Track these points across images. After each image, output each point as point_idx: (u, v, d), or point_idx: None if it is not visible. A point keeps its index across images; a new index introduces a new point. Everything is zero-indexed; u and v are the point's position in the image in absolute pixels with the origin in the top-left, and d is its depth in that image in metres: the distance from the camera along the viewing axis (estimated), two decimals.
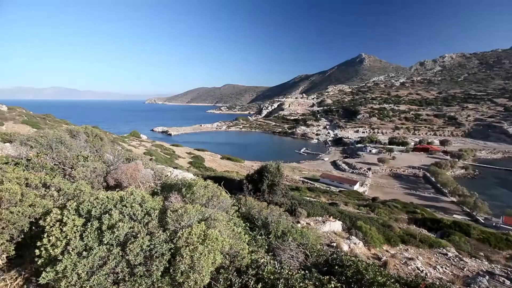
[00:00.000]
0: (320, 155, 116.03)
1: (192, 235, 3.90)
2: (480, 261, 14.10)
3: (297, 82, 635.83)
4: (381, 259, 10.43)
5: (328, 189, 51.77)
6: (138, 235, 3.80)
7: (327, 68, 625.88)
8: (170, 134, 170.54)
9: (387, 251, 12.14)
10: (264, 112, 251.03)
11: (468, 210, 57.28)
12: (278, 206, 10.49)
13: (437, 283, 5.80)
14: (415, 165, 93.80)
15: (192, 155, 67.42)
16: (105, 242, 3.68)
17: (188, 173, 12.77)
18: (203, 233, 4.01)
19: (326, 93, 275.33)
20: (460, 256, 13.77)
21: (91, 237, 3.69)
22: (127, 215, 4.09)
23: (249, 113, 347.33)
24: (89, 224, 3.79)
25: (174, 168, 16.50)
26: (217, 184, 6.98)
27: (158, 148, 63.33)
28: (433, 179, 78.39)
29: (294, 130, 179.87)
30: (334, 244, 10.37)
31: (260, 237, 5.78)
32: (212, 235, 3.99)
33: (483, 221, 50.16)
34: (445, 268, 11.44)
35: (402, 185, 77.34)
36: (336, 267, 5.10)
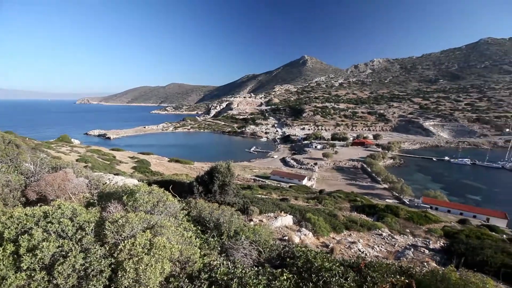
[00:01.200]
0: (270, 153, 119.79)
1: (136, 246, 3.56)
2: (406, 237, 16.38)
3: (245, 81, 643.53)
4: (328, 246, 11.19)
5: (279, 185, 53.77)
6: (69, 254, 3.29)
7: (273, 68, 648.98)
8: (109, 138, 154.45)
9: (333, 238, 13.09)
10: (213, 112, 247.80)
11: (397, 194, 66.13)
12: (230, 206, 10.41)
13: (374, 260, 6.51)
14: (354, 158, 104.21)
15: (136, 160, 62.44)
16: (25, 267, 3.09)
17: (132, 179, 11.75)
18: (148, 242, 3.70)
19: (273, 93, 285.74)
20: (392, 234, 15.76)
21: (3, 264, 3.05)
22: (54, 232, 3.51)
23: (197, 113, 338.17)
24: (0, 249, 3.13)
25: (115, 174, 15.00)
26: (163, 188, 6.56)
27: (94, 154, 56.82)
28: (369, 169, 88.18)
29: (244, 129, 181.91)
30: (286, 238, 10.77)
31: (212, 239, 5.63)
32: (159, 243, 3.71)
33: (408, 203, 58.54)
34: (381, 247, 12.94)
35: (344, 176, 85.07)
36: (288, 259, 5.26)
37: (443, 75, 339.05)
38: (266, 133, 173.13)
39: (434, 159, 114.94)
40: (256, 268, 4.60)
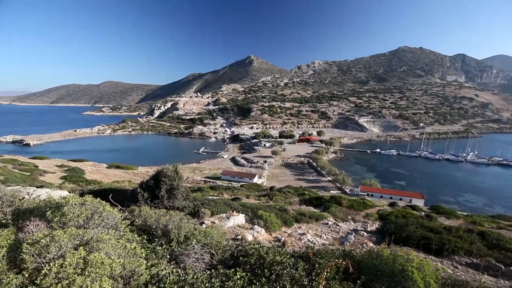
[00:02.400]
0: (219, 153, 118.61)
1: (66, 267, 3.08)
2: (348, 223, 18.03)
3: (190, 80, 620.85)
4: (280, 240, 11.56)
5: (230, 185, 53.63)
6: None
7: (219, 68, 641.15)
8: (27, 145, 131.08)
9: (285, 232, 13.58)
10: (157, 113, 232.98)
11: (339, 185, 72.45)
12: (180, 211, 9.93)
13: (322, 248, 6.99)
14: (301, 154, 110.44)
15: (66, 168, 54.82)
16: None
17: (61, 191, 10.22)
18: (82, 261, 3.24)
19: (221, 92, 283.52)
20: (336, 222, 17.15)
21: None
22: None
23: (138, 114, 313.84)
24: None
25: (38, 187, 12.87)
26: (101, 198, 5.87)
27: (8, 164, 47.85)
28: (314, 164, 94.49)
29: (191, 130, 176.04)
30: (240, 237, 10.77)
31: (160, 248, 5.26)
32: (96, 260, 3.28)
33: (349, 192, 64.79)
34: (327, 235, 13.96)
35: (293, 172, 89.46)
36: (241, 258, 5.26)
37: (372, 77, 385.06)
38: (214, 133, 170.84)
39: (368, 151, 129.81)
40: (209, 272, 4.48)
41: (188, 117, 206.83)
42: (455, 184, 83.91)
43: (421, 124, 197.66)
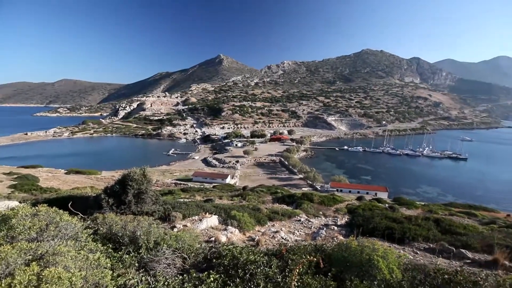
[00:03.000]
0: (190, 154, 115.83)
1: (16, 286, 2.75)
2: (320, 218, 18.62)
3: (157, 79, 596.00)
4: (254, 239, 11.57)
5: (202, 186, 52.64)
6: None
7: (188, 67, 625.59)
8: None
9: (258, 231, 13.61)
10: (122, 113, 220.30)
11: (311, 182, 74.67)
12: (150, 215, 9.48)
13: (294, 244, 7.13)
14: (272, 153, 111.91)
15: (15, 176, 49.59)
16: None
17: (10, 201, 9.19)
18: (35, 278, 2.92)
19: (190, 92, 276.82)
20: (309, 218, 17.61)
21: None
22: None
23: (101, 114, 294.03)
24: None
25: None
26: (59, 207, 5.38)
27: None
28: (286, 162, 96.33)
29: (160, 131, 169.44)
30: (213, 239, 10.58)
31: (128, 256, 4.96)
32: (52, 275, 2.98)
33: (320, 189, 67.02)
34: (300, 231, 14.27)
35: (265, 171, 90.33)
36: (215, 260, 5.17)
37: (339, 78, 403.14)
38: (185, 134, 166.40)
39: (336, 148, 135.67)
40: (181, 277, 4.34)
41: (156, 118, 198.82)
42: (413, 177, 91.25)
43: (384, 122, 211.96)
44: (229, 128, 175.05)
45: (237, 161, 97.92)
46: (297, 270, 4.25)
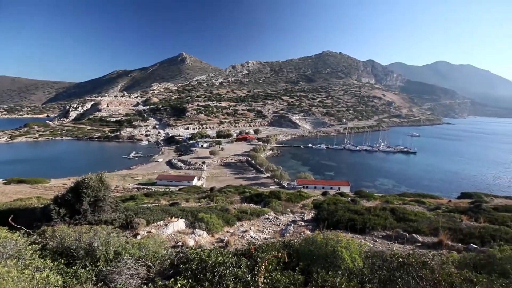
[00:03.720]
0: (153, 157, 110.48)
1: None
2: (288, 215, 19.06)
3: (114, 78, 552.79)
4: (223, 240, 11.44)
5: (167, 190, 50.58)
6: None
7: (148, 65, 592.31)
8: None
9: (227, 231, 13.48)
10: (73, 115, 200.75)
11: (278, 180, 76.11)
12: (109, 224, 8.82)
13: (263, 242, 7.19)
14: (239, 153, 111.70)
15: None
16: None
17: None
18: None
19: (151, 91, 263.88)
20: (277, 216, 17.92)
21: None
22: None
23: (48, 116, 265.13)
24: None
25: None
26: None
27: None
28: (253, 162, 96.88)
29: (118, 133, 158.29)
30: (180, 243, 10.23)
31: (83, 270, 4.54)
32: None
33: (287, 186, 68.65)
34: (269, 229, 14.45)
35: (232, 171, 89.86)
36: (182, 265, 5.00)
37: (302, 78, 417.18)
38: (146, 135, 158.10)
39: (301, 146, 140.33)
40: (145, 286, 4.10)
41: (114, 119, 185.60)
42: (372, 171, 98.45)
43: (344, 120, 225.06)
44: (194, 129, 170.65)
45: (204, 162, 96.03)
46: (263, 268, 4.29)
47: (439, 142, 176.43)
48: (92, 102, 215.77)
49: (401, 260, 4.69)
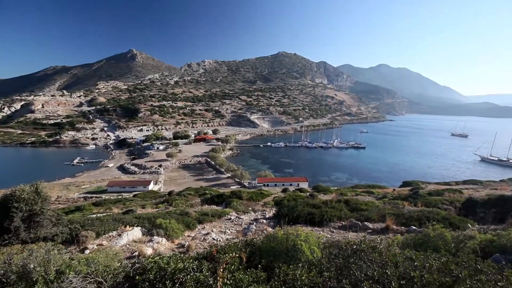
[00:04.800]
0: (103, 162, 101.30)
1: None
2: (250, 214, 19.17)
3: (51, 75, 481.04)
4: (184, 245, 11.05)
5: (120, 197, 46.91)
6: None
7: (93, 61, 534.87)
8: None
9: (188, 236, 13.05)
10: None
11: (238, 180, 76.07)
12: (50, 240, 7.81)
13: (225, 243, 7.10)
14: (198, 154, 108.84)
15: None
16: None
17: None
18: None
19: (97, 90, 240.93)
20: (239, 216, 17.89)
21: None
22: None
23: None
24: None
25: None
26: None
27: None
28: (213, 162, 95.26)
29: (58, 137, 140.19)
30: (136, 253, 9.59)
31: None
32: None
33: (248, 185, 69.03)
34: (231, 229, 14.36)
35: (192, 173, 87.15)
36: (138, 277, 4.65)
37: (259, 78, 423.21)
38: (93, 139, 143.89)
39: (261, 145, 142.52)
40: None
41: (52, 121, 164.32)
42: (327, 166, 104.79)
43: (301, 119, 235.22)
44: (148, 130, 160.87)
45: (160, 165, 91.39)
46: (221, 270, 4.25)
47: (384, 137, 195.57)
48: (23, 102, 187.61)
49: (354, 247, 5.05)
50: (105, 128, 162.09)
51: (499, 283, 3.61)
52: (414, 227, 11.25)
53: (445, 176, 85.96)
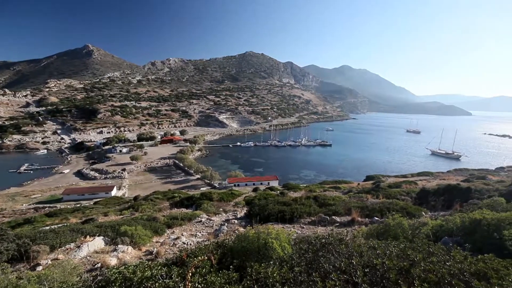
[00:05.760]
0: (57, 168, 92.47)
1: None
2: (221, 215, 18.97)
3: None
4: (152, 252, 10.63)
5: (78, 205, 43.41)
6: None
7: (41, 56, 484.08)
8: None
9: (157, 242, 12.56)
10: None
11: (208, 181, 74.84)
12: None
13: (196, 247, 6.92)
14: (165, 156, 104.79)
15: None
16: None
17: None
18: None
19: (48, 89, 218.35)
20: (209, 217, 17.60)
21: None
22: None
23: None
24: None
25: None
26: None
27: None
28: (181, 164, 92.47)
29: (1, 142, 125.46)
30: (99, 265, 8.96)
31: None
32: None
33: (218, 186, 68.21)
34: (202, 232, 14.07)
35: (159, 176, 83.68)
36: None
37: (227, 77, 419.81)
38: (44, 143, 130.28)
39: (230, 145, 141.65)
40: None
41: None
42: (296, 164, 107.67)
43: (269, 118, 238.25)
44: (109, 133, 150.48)
45: (124, 169, 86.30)
46: (190, 274, 4.15)
47: (348, 135, 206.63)
48: None
49: (323, 240, 5.25)
50: (59, 131, 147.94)
51: (447, 263, 4.01)
52: (376, 218, 12.05)
53: (403, 169, 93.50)
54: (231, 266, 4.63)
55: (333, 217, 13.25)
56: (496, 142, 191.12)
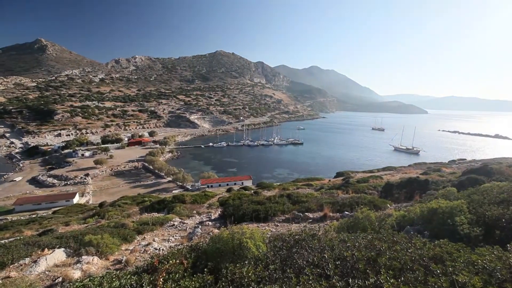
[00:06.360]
0: (6, 176, 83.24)
1: None
2: (194, 217, 18.54)
3: None
4: (122, 261, 10.07)
5: (34, 216, 39.67)
6: None
7: None
8: None
9: (126, 249, 11.95)
10: None
11: (181, 184, 72.78)
12: None
13: (168, 252, 6.68)
14: (133, 158, 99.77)
15: None
16: None
17: None
18: None
19: None
20: (183, 220, 17.13)
21: None
22: None
23: None
24: None
25: None
26: None
27: None
28: (151, 167, 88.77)
29: None
30: (60, 279, 8.27)
31: None
32: None
33: (191, 188, 66.56)
34: (175, 236, 13.65)
35: (126, 180, 79.54)
36: None
37: (197, 77, 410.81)
38: None
39: (202, 146, 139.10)
40: None
41: None
42: (269, 163, 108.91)
43: (241, 118, 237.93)
44: (69, 135, 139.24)
45: (87, 174, 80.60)
46: (161, 280, 4.00)
47: (319, 133, 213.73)
48: None
49: (296, 237, 5.36)
50: (7, 134, 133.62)
51: (409, 250, 4.33)
52: (347, 212, 12.62)
53: (369, 165, 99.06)
54: (205, 269, 4.53)
55: (306, 213, 13.61)
56: (448, 137, 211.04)
